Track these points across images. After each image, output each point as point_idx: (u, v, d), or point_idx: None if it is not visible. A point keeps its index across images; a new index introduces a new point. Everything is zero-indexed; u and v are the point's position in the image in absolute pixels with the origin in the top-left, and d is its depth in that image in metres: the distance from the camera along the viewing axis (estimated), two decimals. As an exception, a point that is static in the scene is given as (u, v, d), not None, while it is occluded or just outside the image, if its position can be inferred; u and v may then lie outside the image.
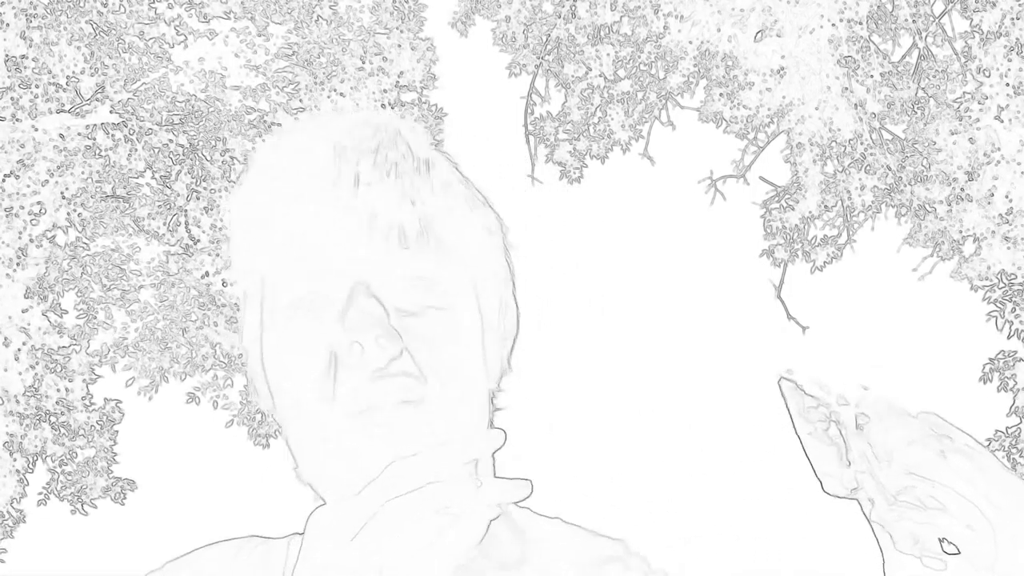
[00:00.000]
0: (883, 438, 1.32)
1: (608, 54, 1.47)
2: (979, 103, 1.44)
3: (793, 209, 1.46)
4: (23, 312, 1.45)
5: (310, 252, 1.30)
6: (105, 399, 1.48)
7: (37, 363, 1.46)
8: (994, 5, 1.44)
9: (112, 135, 1.46)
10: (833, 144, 1.45)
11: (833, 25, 1.44)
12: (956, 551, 1.27)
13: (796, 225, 1.46)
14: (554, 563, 1.36)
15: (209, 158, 1.48)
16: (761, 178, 1.49)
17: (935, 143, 1.44)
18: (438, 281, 1.29)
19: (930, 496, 1.28)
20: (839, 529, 1.45)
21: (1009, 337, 1.45)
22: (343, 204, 1.29)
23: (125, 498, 1.47)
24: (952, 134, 1.44)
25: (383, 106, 1.45)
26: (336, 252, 1.30)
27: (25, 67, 1.45)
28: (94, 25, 1.46)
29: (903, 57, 1.46)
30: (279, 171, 1.33)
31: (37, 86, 1.45)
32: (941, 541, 1.28)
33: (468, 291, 1.31)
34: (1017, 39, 1.43)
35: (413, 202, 1.29)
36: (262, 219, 1.32)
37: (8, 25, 1.46)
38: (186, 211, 1.47)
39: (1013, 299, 1.44)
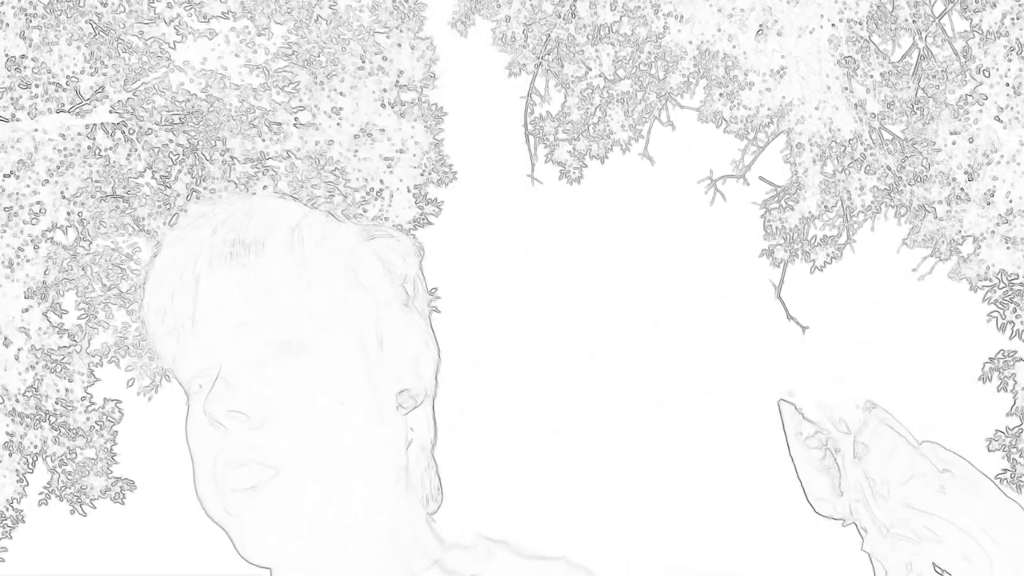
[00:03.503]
0: (881, 471, 1.31)
1: (608, 54, 1.47)
2: (979, 104, 1.43)
3: (793, 209, 1.46)
4: (23, 312, 1.45)
5: (182, 342, 1.41)
6: (105, 399, 1.47)
7: (37, 363, 1.46)
8: (994, 5, 1.44)
9: (112, 135, 1.46)
10: (833, 144, 1.45)
11: (833, 25, 1.44)
12: None
13: (796, 225, 1.46)
14: None
15: (209, 158, 1.48)
16: (761, 178, 1.48)
17: (935, 143, 1.44)
18: (296, 342, 1.39)
19: (924, 527, 1.28)
20: (828, 543, 1.45)
21: (1011, 338, 1.45)
22: (188, 298, 1.40)
23: (124, 498, 1.47)
24: (952, 134, 1.43)
25: (383, 105, 1.45)
26: (200, 342, 1.40)
27: (25, 67, 1.45)
28: (94, 25, 1.46)
29: (903, 57, 1.46)
30: (162, 265, 1.44)
31: (37, 86, 1.45)
32: (936, 568, 1.27)
33: (336, 339, 1.40)
34: (1017, 39, 1.43)
35: (244, 286, 1.39)
36: (158, 307, 1.43)
37: (8, 25, 1.45)
38: (186, 211, 1.47)
39: (1014, 299, 1.44)
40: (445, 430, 1.45)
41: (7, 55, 1.45)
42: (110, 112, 1.45)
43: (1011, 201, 1.43)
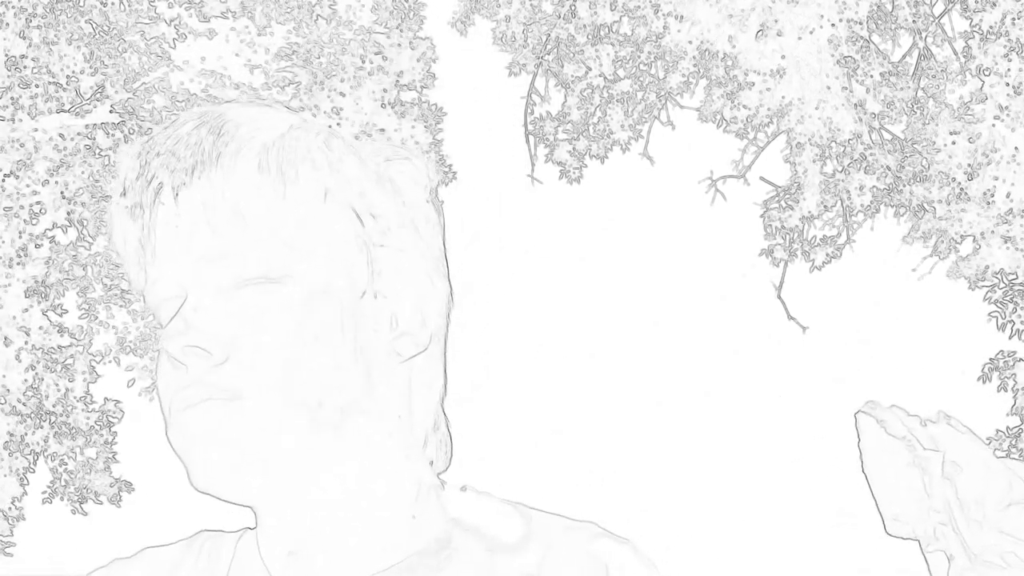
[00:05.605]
0: (976, 494, 1.23)
1: (608, 54, 1.47)
2: (980, 103, 1.43)
3: (793, 209, 1.46)
4: (24, 311, 1.46)
5: (146, 271, 1.30)
6: (105, 399, 1.48)
7: (37, 363, 1.46)
8: (994, 5, 1.44)
9: (112, 135, 1.46)
10: (833, 144, 1.45)
11: (833, 25, 1.44)
12: None
13: (796, 225, 1.46)
14: (556, 543, 1.32)
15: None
16: (761, 178, 1.48)
17: (935, 143, 1.44)
18: (271, 276, 1.25)
19: (1012, 553, 1.21)
20: (828, 544, 1.45)
21: (1011, 337, 1.45)
22: (147, 223, 1.28)
23: (121, 499, 1.47)
24: (952, 134, 1.43)
25: (383, 105, 1.45)
26: (162, 272, 1.28)
27: (25, 67, 1.45)
28: (94, 25, 1.46)
29: (903, 57, 1.46)
30: (123, 179, 1.34)
31: (37, 86, 1.45)
32: None
33: (315, 269, 1.26)
34: (1017, 39, 1.43)
35: (210, 209, 1.26)
36: (120, 230, 1.33)
37: (8, 25, 1.46)
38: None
39: (1014, 299, 1.44)
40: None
41: (7, 55, 1.46)
42: (110, 112, 1.46)
43: (1011, 201, 1.43)
